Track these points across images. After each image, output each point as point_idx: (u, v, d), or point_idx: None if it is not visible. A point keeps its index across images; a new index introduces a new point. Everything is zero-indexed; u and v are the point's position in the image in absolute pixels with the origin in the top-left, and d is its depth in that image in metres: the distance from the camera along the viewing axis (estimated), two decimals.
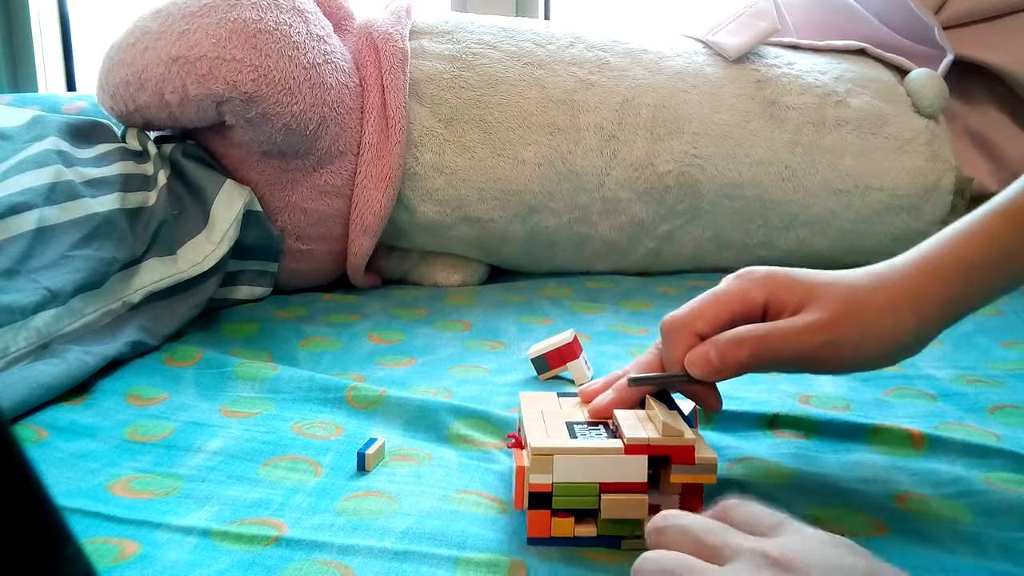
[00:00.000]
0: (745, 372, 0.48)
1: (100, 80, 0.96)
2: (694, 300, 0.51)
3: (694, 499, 0.47)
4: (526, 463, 0.46)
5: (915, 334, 0.49)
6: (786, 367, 0.50)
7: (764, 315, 0.50)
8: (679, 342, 0.50)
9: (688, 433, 0.45)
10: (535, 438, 0.46)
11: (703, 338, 0.49)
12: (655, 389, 0.51)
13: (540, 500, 0.45)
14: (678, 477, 0.45)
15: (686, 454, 0.45)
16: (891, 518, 0.49)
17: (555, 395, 0.55)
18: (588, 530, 0.46)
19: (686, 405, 0.53)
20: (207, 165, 0.95)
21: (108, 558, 0.44)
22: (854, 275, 0.51)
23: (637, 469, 0.45)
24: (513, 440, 0.52)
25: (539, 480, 0.45)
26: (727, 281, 0.51)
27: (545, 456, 0.45)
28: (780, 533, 0.37)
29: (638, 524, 0.45)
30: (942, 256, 0.49)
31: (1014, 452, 0.56)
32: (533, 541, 0.46)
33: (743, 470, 0.55)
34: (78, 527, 0.47)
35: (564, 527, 0.46)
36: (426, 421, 0.62)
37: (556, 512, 0.46)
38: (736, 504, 0.40)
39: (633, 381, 0.50)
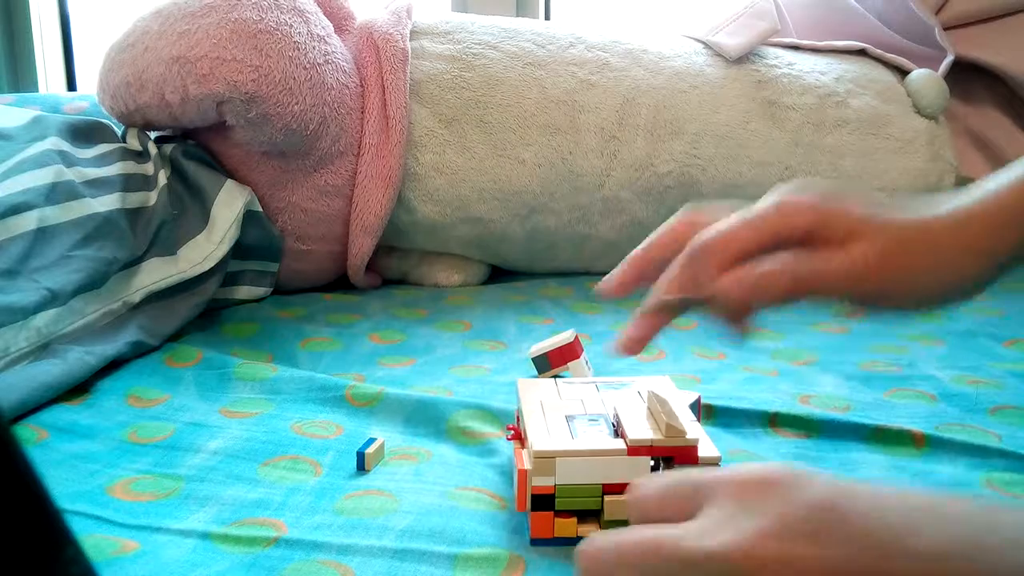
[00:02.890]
0: (781, 303, 0.44)
1: (100, 80, 0.96)
2: (729, 220, 0.46)
3: None
4: (528, 466, 0.46)
5: (979, 280, 0.44)
6: (826, 301, 0.46)
7: (806, 242, 0.45)
8: (713, 262, 0.45)
9: (691, 432, 0.45)
10: (536, 438, 0.46)
11: (737, 261, 0.45)
12: (679, 310, 0.47)
13: (543, 502, 0.45)
14: None
15: (689, 454, 0.45)
16: None
17: (554, 382, 0.55)
18: (591, 530, 0.46)
19: (689, 396, 0.53)
20: (208, 165, 0.95)
21: (107, 552, 0.44)
22: (915, 208, 0.45)
23: (640, 470, 0.45)
24: (512, 432, 0.52)
25: (542, 482, 0.45)
26: (768, 202, 0.46)
27: (547, 459, 0.45)
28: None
29: None
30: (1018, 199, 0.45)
31: (1015, 452, 0.56)
32: (536, 542, 0.46)
33: None
34: (77, 532, 0.47)
35: (567, 528, 0.45)
36: (426, 416, 0.62)
37: (559, 513, 0.46)
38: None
39: (656, 307, 0.47)
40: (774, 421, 0.62)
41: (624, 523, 0.45)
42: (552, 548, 0.45)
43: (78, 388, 0.67)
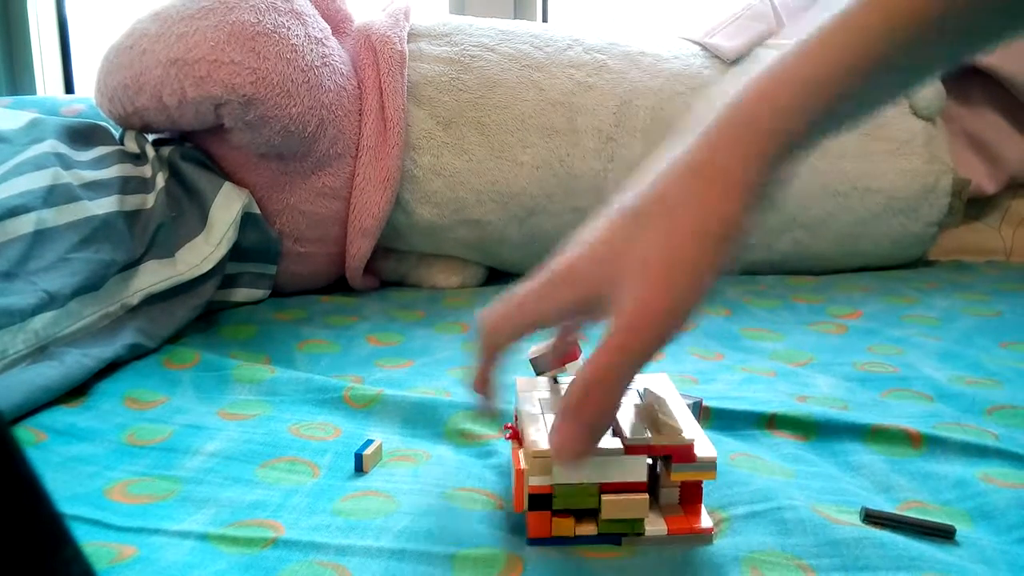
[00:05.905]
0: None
1: (98, 83, 0.96)
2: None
3: (694, 495, 0.47)
4: (524, 466, 0.46)
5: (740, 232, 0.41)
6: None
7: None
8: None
9: (688, 431, 0.45)
10: (533, 438, 0.46)
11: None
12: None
13: (540, 502, 0.45)
14: (678, 476, 0.45)
15: (686, 453, 0.45)
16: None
17: (552, 380, 0.55)
18: (588, 529, 0.46)
19: (690, 398, 0.53)
20: (205, 168, 0.95)
21: (105, 560, 0.44)
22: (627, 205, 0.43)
23: (637, 469, 0.45)
24: (510, 432, 0.52)
25: (539, 482, 0.45)
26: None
27: (544, 458, 0.45)
28: None
29: (639, 522, 0.46)
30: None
31: (1012, 452, 0.56)
32: (533, 542, 0.46)
33: (741, 468, 0.55)
34: (75, 535, 0.47)
35: (565, 527, 0.46)
36: (424, 417, 0.62)
37: (556, 513, 0.46)
38: None
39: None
40: (772, 422, 0.62)
41: (624, 523, 0.45)
42: (550, 548, 0.45)
43: (76, 390, 0.67)
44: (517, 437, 0.50)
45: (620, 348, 0.39)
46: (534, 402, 0.51)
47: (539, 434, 0.47)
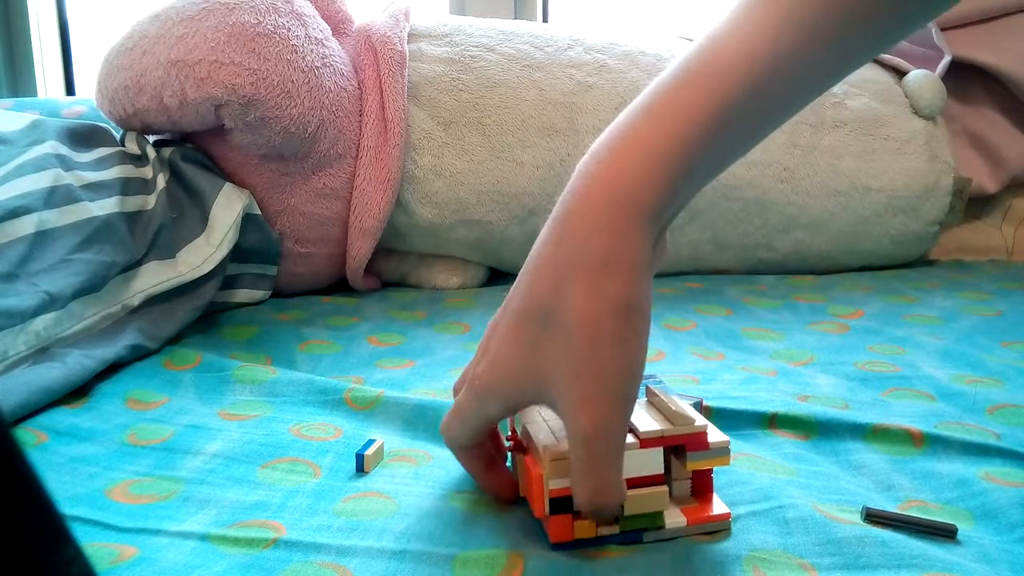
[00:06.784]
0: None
1: (99, 84, 0.96)
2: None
3: (705, 485, 0.47)
4: (544, 469, 0.45)
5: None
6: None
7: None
8: None
9: (699, 420, 0.45)
10: (544, 442, 0.46)
11: None
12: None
13: (561, 505, 0.45)
14: (694, 464, 0.46)
15: (700, 440, 0.45)
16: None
17: None
18: (610, 528, 0.46)
19: (689, 398, 0.53)
20: (206, 168, 0.95)
21: (106, 561, 0.44)
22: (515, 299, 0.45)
23: (654, 462, 0.45)
24: (513, 442, 0.52)
25: (558, 485, 0.45)
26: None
27: (563, 460, 0.44)
28: None
29: (659, 515, 0.45)
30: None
31: (1014, 451, 0.56)
32: (557, 546, 0.45)
33: (742, 467, 0.55)
34: (76, 535, 0.47)
35: (587, 528, 0.45)
36: (425, 420, 0.62)
37: (577, 514, 0.45)
38: None
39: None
40: (773, 422, 0.62)
41: (645, 517, 0.45)
42: (550, 550, 0.45)
43: (77, 391, 0.67)
44: (520, 447, 0.50)
45: (589, 458, 0.41)
46: (533, 409, 0.51)
47: (550, 437, 0.46)
